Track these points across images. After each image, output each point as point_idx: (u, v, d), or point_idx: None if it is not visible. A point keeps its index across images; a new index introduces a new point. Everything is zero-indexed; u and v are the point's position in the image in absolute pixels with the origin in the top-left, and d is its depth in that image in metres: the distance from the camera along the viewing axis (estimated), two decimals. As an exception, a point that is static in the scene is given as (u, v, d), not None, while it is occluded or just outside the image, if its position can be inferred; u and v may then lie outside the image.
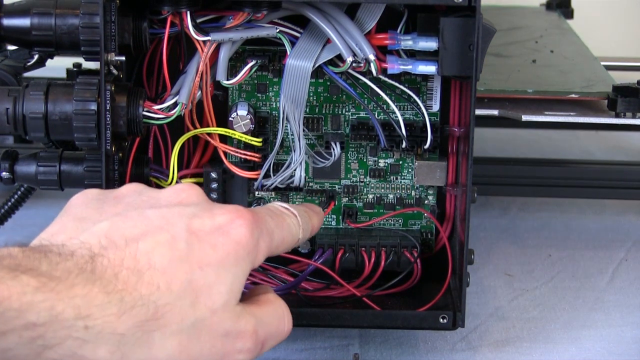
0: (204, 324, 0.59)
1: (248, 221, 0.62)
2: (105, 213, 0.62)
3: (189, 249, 0.60)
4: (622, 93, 0.89)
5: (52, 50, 0.74)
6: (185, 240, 0.60)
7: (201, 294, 0.59)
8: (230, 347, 0.61)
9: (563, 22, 1.25)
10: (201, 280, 0.59)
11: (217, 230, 0.61)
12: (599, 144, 1.24)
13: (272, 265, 0.82)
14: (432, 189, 0.83)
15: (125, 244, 0.58)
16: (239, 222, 0.62)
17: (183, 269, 0.59)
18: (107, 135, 0.72)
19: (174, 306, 0.58)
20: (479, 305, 0.87)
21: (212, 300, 0.60)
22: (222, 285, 0.60)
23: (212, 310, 0.60)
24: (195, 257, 0.60)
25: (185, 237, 0.60)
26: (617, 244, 1.00)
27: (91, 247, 0.58)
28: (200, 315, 0.59)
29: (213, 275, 0.60)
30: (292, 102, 0.77)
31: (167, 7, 0.74)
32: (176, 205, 0.62)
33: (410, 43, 0.76)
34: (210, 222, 0.61)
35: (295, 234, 0.68)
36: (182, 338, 0.58)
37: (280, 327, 0.65)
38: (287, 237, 0.67)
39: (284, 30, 0.76)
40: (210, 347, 0.60)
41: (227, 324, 0.60)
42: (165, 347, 0.58)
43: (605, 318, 0.86)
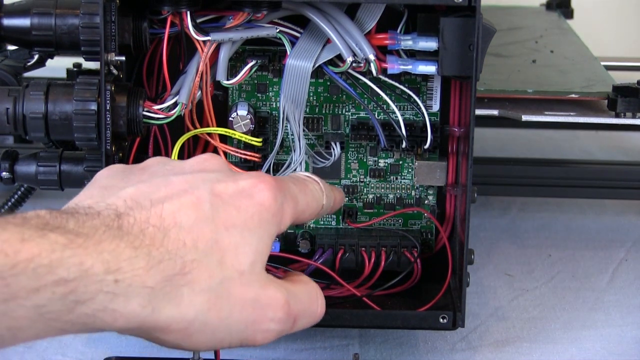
0: (232, 285, 0.59)
1: (271, 185, 0.63)
2: (130, 181, 0.63)
3: (213, 210, 0.60)
4: (622, 93, 0.89)
5: (52, 50, 0.74)
6: (210, 201, 0.60)
7: (227, 253, 0.60)
8: (261, 313, 0.61)
9: (563, 22, 1.25)
10: (227, 240, 0.60)
11: (241, 193, 0.62)
12: (599, 144, 1.24)
13: (272, 266, 0.82)
14: (432, 189, 0.83)
15: (151, 204, 0.59)
16: (261, 186, 0.62)
17: (208, 228, 0.59)
18: (107, 135, 0.72)
19: (200, 263, 0.58)
20: (479, 305, 0.87)
21: (238, 261, 0.60)
22: (247, 246, 0.60)
23: (240, 272, 0.60)
24: (220, 217, 0.60)
25: (210, 199, 0.60)
26: (617, 244, 1.00)
27: (117, 208, 0.58)
28: (228, 274, 0.59)
29: (238, 236, 0.60)
30: (292, 102, 0.77)
31: (167, 7, 0.74)
32: (200, 172, 0.63)
33: (410, 43, 0.76)
34: (233, 185, 0.62)
35: (319, 199, 0.68)
36: (211, 296, 0.59)
37: (313, 306, 0.65)
38: (311, 202, 0.67)
39: (284, 30, 0.76)
40: (240, 309, 0.60)
41: (255, 288, 0.60)
42: (194, 303, 0.58)
43: (605, 318, 0.86)
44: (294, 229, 0.83)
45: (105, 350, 0.78)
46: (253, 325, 0.61)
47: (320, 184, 0.69)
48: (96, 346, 0.79)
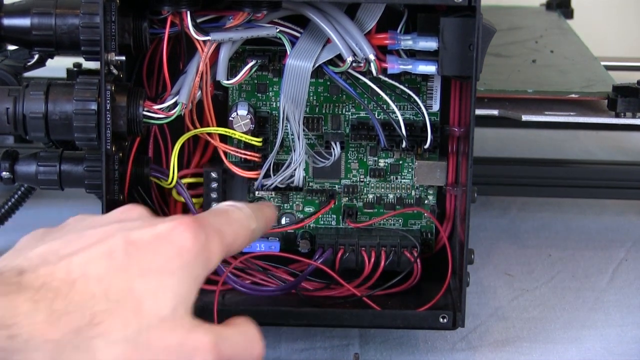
0: (151, 333, 0.56)
1: (189, 225, 0.59)
2: (44, 241, 0.60)
3: (127, 258, 0.57)
4: (622, 93, 0.89)
5: (52, 50, 0.74)
6: (124, 250, 0.57)
7: (145, 301, 0.56)
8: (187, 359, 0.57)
9: (563, 22, 1.25)
10: (142, 287, 0.57)
11: (158, 239, 0.58)
12: (599, 144, 1.24)
13: (272, 265, 0.82)
14: (432, 188, 0.83)
15: (58, 259, 0.57)
16: (180, 229, 0.59)
17: (121, 277, 0.57)
18: (107, 135, 0.72)
19: (113, 313, 0.56)
20: (479, 305, 0.87)
21: (157, 307, 0.57)
22: (167, 291, 0.57)
23: (160, 318, 0.57)
24: (134, 265, 0.57)
25: (124, 248, 0.57)
26: (617, 244, 1.00)
27: (22, 267, 0.56)
28: (146, 322, 0.56)
29: (155, 282, 0.57)
30: (292, 102, 0.77)
31: (167, 7, 0.74)
32: (116, 222, 0.60)
33: (410, 43, 0.76)
34: (150, 231, 0.59)
35: (247, 226, 0.64)
36: (129, 346, 0.56)
37: (249, 349, 0.61)
38: (239, 230, 0.63)
39: (284, 30, 0.76)
40: (163, 358, 0.57)
41: (179, 333, 0.57)
42: (109, 355, 0.55)
43: (605, 318, 0.86)
44: (294, 229, 0.83)
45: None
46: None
47: (243, 210, 0.65)
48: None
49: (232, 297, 0.79)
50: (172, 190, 0.81)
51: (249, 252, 0.81)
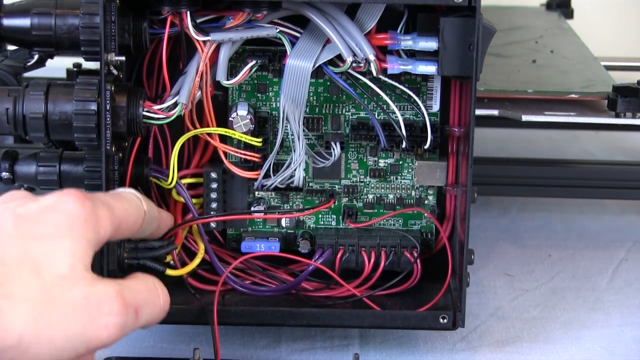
0: (54, 290, 0.58)
1: (76, 195, 0.62)
2: None
3: (18, 229, 0.60)
4: (622, 93, 0.89)
5: (52, 50, 0.74)
6: (13, 224, 0.60)
7: (42, 262, 0.59)
8: (95, 310, 0.59)
9: (563, 22, 1.25)
10: (37, 250, 0.59)
11: (45, 210, 0.61)
12: (599, 144, 1.24)
13: (272, 266, 0.82)
14: (432, 189, 0.83)
15: None
16: (65, 198, 0.61)
17: (14, 243, 0.59)
18: (107, 135, 0.72)
19: (12, 275, 0.58)
20: (479, 305, 0.87)
21: (55, 266, 0.59)
22: (61, 252, 0.59)
23: (60, 276, 0.59)
24: (25, 233, 0.59)
25: (13, 222, 0.60)
26: (617, 244, 1.00)
27: None
28: (47, 281, 0.58)
29: (49, 245, 0.59)
30: (292, 102, 0.77)
31: (167, 7, 0.74)
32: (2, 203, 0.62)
33: (410, 43, 0.76)
34: (35, 205, 0.61)
35: (138, 206, 0.67)
36: (35, 305, 0.57)
37: (153, 295, 0.64)
38: (129, 209, 0.66)
39: (284, 30, 0.76)
40: (71, 312, 0.58)
41: (82, 288, 0.59)
42: (17, 316, 0.57)
43: (605, 318, 0.86)
44: (294, 229, 0.83)
45: (105, 350, 0.78)
46: (91, 324, 0.59)
47: (136, 194, 0.68)
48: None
49: (232, 297, 0.79)
50: (172, 191, 0.81)
51: (249, 252, 0.81)
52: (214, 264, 0.80)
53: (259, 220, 0.83)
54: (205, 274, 0.81)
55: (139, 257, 0.73)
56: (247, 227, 0.83)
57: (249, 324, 0.78)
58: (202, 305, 0.77)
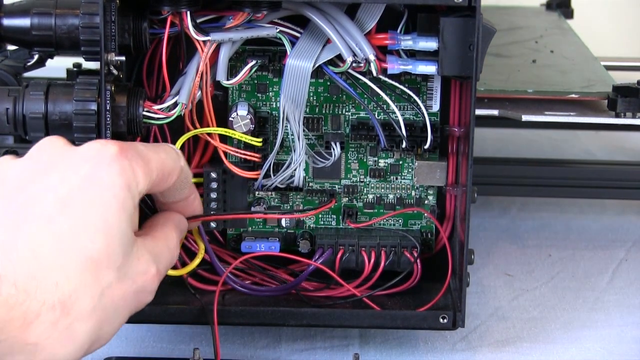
0: (112, 290, 0.61)
1: (113, 155, 0.62)
2: None
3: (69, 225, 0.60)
4: (622, 93, 0.89)
5: (52, 50, 0.74)
6: (60, 214, 0.60)
7: (100, 264, 0.60)
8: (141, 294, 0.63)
9: (563, 22, 1.25)
10: (93, 250, 0.60)
11: (87, 185, 0.61)
12: (599, 144, 1.24)
13: (272, 266, 0.82)
14: (432, 189, 0.83)
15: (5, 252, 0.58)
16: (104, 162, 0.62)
17: (73, 253, 0.59)
18: (107, 135, 0.72)
19: (77, 291, 0.59)
20: (479, 305, 0.87)
21: (110, 263, 0.61)
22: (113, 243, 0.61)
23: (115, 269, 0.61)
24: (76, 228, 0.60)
25: (59, 212, 0.60)
26: (617, 244, 1.00)
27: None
28: (105, 282, 0.60)
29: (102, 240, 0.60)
30: (292, 102, 0.77)
31: (167, 7, 0.74)
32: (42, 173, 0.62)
33: (410, 43, 0.76)
34: (76, 178, 0.61)
35: (176, 159, 0.68)
36: (98, 315, 0.60)
37: (173, 257, 0.67)
38: (166, 160, 0.67)
39: (284, 30, 0.76)
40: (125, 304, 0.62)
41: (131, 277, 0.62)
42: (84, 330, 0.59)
43: (605, 318, 0.86)
44: (294, 229, 0.83)
45: (105, 350, 0.78)
46: (137, 306, 0.64)
47: (175, 148, 0.69)
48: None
49: (232, 297, 0.79)
50: (172, 191, 0.81)
51: (249, 252, 0.81)
52: (214, 264, 0.80)
53: (259, 220, 0.83)
54: (205, 274, 0.81)
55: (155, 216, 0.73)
56: (247, 227, 0.83)
57: (249, 324, 0.78)
58: (202, 305, 0.77)
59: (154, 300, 0.74)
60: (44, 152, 0.64)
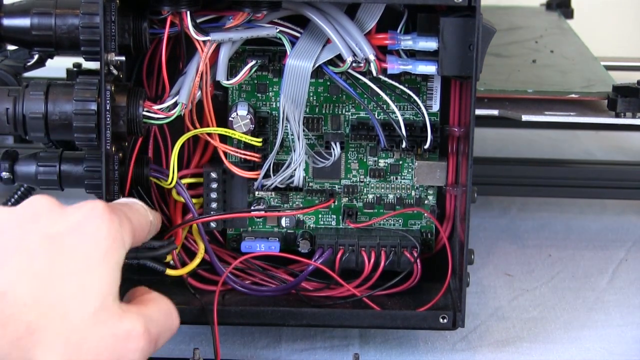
0: (85, 330, 0.59)
1: (102, 211, 0.62)
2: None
3: (49, 260, 0.59)
4: (622, 93, 0.89)
5: (52, 50, 0.74)
6: (44, 250, 0.59)
7: (74, 300, 0.59)
8: (122, 347, 0.60)
9: (563, 22, 1.25)
10: (70, 286, 0.59)
11: (75, 230, 0.61)
12: (599, 144, 1.24)
13: (272, 266, 0.82)
14: (432, 189, 0.83)
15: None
16: (94, 215, 0.61)
17: (47, 282, 0.59)
18: (107, 135, 0.72)
19: (44, 320, 0.58)
20: (479, 305, 0.87)
21: (86, 304, 0.59)
22: (93, 287, 0.59)
23: (91, 313, 0.59)
24: (57, 263, 0.59)
25: (43, 247, 0.59)
26: (617, 244, 1.00)
27: None
28: (78, 321, 0.59)
29: (82, 278, 0.59)
30: (292, 102, 0.77)
31: (167, 7, 0.74)
32: (30, 215, 0.61)
33: (410, 43, 0.76)
34: (66, 224, 0.61)
35: (146, 216, 0.68)
36: (66, 349, 0.58)
37: (169, 322, 0.64)
38: (141, 219, 0.67)
39: (284, 30, 0.76)
40: (100, 351, 0.59)
41: (111, 324, 0.60)
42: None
43: (605, 318, 0.86)
44: (294, 229, 0.83)
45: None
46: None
47: (142, 204, 0.69)
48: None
49: (232, 297, 0.80)
50: (172, 191, 0.81)
51: (249, 252, 0.81)
52: (214, 264, 0.80)
53: (258, 220, 0.83)
54: (205, 274, 0.81)
55: (139, 257, 0.73)
56: (247, 227, 0.83)
57: (249, 324, 0.78)
58: (202, 305, 0.77)
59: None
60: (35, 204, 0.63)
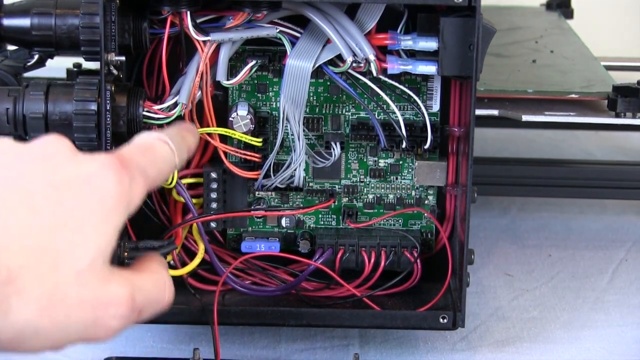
0: (67, 287, 0.56)
1: (115, 167, 0.58)
2: None
3: (48, 205, 0.56)
4: (622, 93, 0.89)
5: (52, 50, 0.74)
6: (45, 195, 0.56)
7: (63, 254, 0.56)
8: (102, 312, 0.57)
9: (563, 22, 1.25)
10: (62, 240, 0.56)
11: (82, 182, 0.57)
12: (599, 144, 1.24)
13: (272, 266, 0.82)
14: (432, 189, 0.83)
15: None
16: (105, 171, 0.58)
17: (41, 228, 0.55)
18: (107, 135, 0.72)
19: (30, 269, 0.55)
20: (479, 305, 0.87)
21: (75, 260, 0.56)
22: (86, 244, 0.56)
23: (77, 272, 0.56)
24: (56, 214, 0.56)
25: (45, 192, 0.56)
26: (617, 244, 1.00)
27: None
28: (62, 277, 0.55)
29: (77, 234, 0.56)
30: (292, 102, 0.77)
31: (167, 7, 0.74)
32: (39, 159, 0.58)
33: (410, 43, 0.76)
34: (75, 172, 0.57)
35: (171, 162, 0.64)
36: (43, 303, 0.55)
37: (160, 295, 0.62)
38: (163, 168, 0.63)
39: (284, 30, 0.76)
40: (78, 311, 0.56)
41: (95, 286, 0.57)
42: (23, 312, 0.55)
43: (605, 318, 0.86)
44: (294, 229, 0.83)
45: (105, 350, 0.78)
46: (94, 325, 0.57)
47: (169, 144, 0.64)
48: (97, 346, 0.78)
49: (232, 297, 0.80)
50: (172, 191, 0.81)
51: (249, 252, 0.81)
52: (214, 264, 0.80)
53: (259, 220, 0.83)
54: (205, 274, 0.81)
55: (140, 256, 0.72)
56: (247, 227, 0.83)
57: (249, 324, 0.78)
58: (202, 305, 0.77)
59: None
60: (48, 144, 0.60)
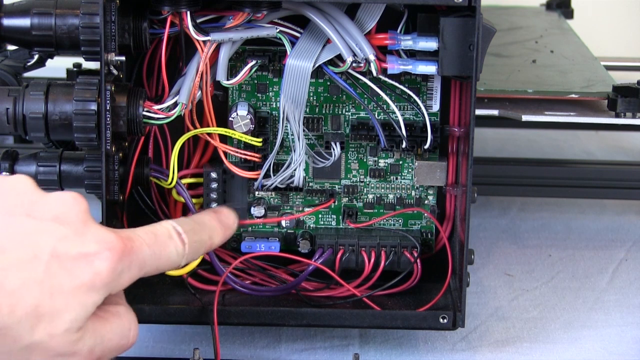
0: (38, 347, 0.59)
1: (117, 255, 0.60)
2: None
3: (46, 273, 0.59)
4: (622, 93, 0.89)
5: (52, 50, 0.74)
6: (46, 263, 0.59)
7: (43, 320, 0.58)
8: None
9: (563, 22, 1.25)
10: (48, 307, 0.59)
11: (81, 258, 0.60)
12: (599, 144, 1.24)
13: (272, 266, 0.82)
14: (432, 189, 0.83)
15: None
16: (105, 255, 0.60)
17: (33, 293, 0.58)
18: (107, 135, 0.72)
19: (11, 330, 0.58)
20: (479, 305, 0.87)
21: (53, 326, 0.59)
22: (67, 314, 0.59)
23: (51, 335, 0.59)
24: (49, 282, 0.59)
25: (46, 260, 0.59)
26: (617, 244, 1.00)
27: None
28: (37, 339, 0.59)
29: (61, 303, 0.59)
30: (292, 102, 0.77)
31: (167, 7, 0.74)
32: (50, 221, 0.60)
33: (410, 43, 0.76)
34: (78, 248, 0.60)
35: (174, 262, 0.66)
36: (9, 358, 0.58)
37: (122, 342, 0.64)
38: (162, 265, 0.65)
39: (284, 30, 0.76)
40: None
41: (63, 348, 0.60)
42: None
43: (605, 318, 0.86)
44: (294, 229, 0.83)
45: (105, 350, 0.78)
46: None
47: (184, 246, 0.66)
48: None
49: (232, 297, 0.79)
50: (172, 191, 0.81)
51: (249, 252, 0.81)
52: (214, 264, 0.80)
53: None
54: (205, 274, 0.81)
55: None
56: (247, 227, 0.83)
57: (249, 324, 0.78)
58: (202, 305, 0.77)
59: (154, 300, 0.74)
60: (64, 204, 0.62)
